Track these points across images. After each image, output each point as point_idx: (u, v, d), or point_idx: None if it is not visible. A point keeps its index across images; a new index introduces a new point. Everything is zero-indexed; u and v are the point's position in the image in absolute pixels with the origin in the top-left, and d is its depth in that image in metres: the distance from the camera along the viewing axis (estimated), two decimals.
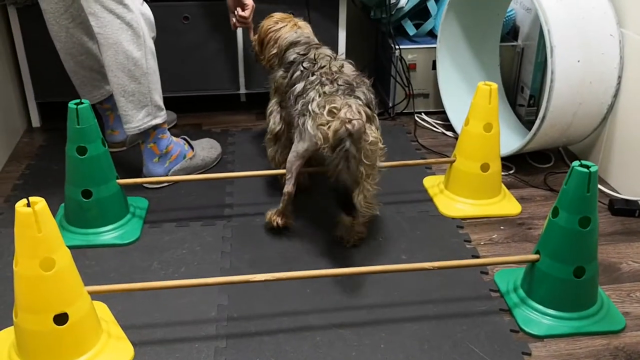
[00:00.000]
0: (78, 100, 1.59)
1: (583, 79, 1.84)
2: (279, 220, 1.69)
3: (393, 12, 2.36)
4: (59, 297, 1.20)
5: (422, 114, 2.45)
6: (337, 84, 1.54)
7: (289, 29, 1.87)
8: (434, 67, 2.38)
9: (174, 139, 1.95)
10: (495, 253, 1.65)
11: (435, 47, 2.34)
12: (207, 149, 2.04)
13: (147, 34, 1.77)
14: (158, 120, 1.85)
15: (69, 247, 1.58)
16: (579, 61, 1.82)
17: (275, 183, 1.92)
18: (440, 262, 1.41)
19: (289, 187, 1.65)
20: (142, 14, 1.75)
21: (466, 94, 2.34)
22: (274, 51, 1.85)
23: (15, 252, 1.17)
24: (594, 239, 1.36)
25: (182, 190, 1.91)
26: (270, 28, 1.89)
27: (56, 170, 1.98)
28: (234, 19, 2.09)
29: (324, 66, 1.62)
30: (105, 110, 2.08)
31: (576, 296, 1.39)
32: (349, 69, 1.64)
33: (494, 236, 1.72)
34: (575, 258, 1.36)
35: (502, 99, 2.35)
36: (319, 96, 1.53)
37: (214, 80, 2.39)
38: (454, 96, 2.35)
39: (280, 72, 1.79)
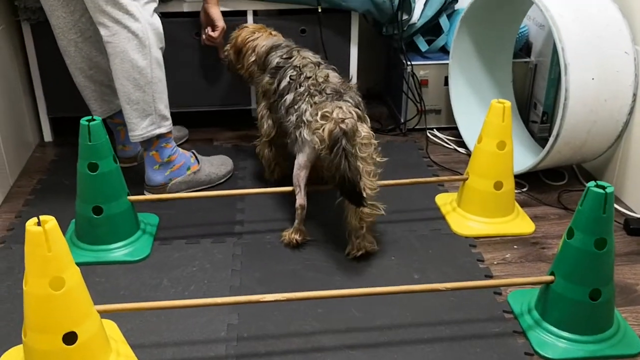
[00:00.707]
0: (90, 117, 1.59)
1: (597, 96, 1.82)
2: (297, 238, 1.72)
3: (405, 29, 2.35)
4: (68, 317, 1.19)
5: (434, 130, 2.44)
6: (326, 93, 1.62)
7: (265, 38, 1.98)
8: (446, 83, 2.37)
9: (181, 150, 1.96)
10: (509, 273, 1.63)
11: (447, 63, 2.33)
12: (216, 165, 2.04)
13: (154, 43, 1.78)
14: (162, 130, 1.85)
15: (79, 264, 1.58)
16: (593, 79, 1.80)
17: (286, 199, 1.91)
18: (453, 283, 1.39)
19: (300, 200, 1.69)
20: (150, 24, 1.76)
21: (478, 110, 2.33)
22: (253, 59, 1.94)
23: (25, 271, 1.16)
24: (610, 261, 1.34)
25: (192, 206, 1.90)
26: (247, 38, 1.98)
27: (67, 185, 1.98)
28: (204, 36, 2.16)
29: (310, 77, 1.69)
30: (117, 125, 2.08)
31: (592, 319, 1.37)
32: (334, 77, 1.71)
33: (507, 255, 1.70)
34: (591, 280, 1.34)
35: (515, 116, 2.34)
36: (311, 106, 1.62)
37: (225, 95, 2.39)
38: (466, 112, 2.33)
39: (267, 78, 1.86)
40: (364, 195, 1.53)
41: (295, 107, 1.66)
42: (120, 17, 1.71)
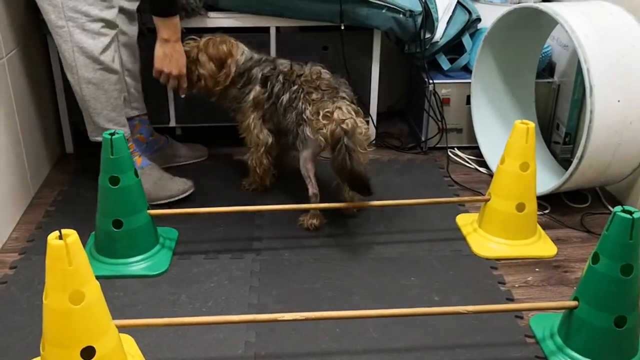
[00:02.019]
0: (112, 131, 1.60)
1: (623, 119, 1.80)
2: (315, 222, 1.85)
3: (427, 47, 2.35)
4: (87, 331, 1.19)
5: (455, 149, 2.42)
6: (321, 90, 1.76)
7: (239, 51, 1.99)
8: (468, 102, 2.35)
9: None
10: (531, 296, 1.61)
11: (469, 82, 2.32)
12: (165, 179, 2.00)
13: (82, 64, 1.80)
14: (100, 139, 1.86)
15: (98, 277, 1.58)
16: (619, 101, 1.78)
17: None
18: (475, 307, 1.37)
19: (313, 189, 1.85)
20: (78, 46, 1.78)
21: (500, 129, 2.31)
22: (234, 68, 1.96)
23: (45, 285, 1.16)
24: (636, 287, 1.31)
25: (211, 221, 1.90)
26: (230, 49, 1.96)
27: (88, 197, 1.99)
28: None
29: (302, 74, 1.81)
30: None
31: (616, 346, 1.34)
32: (325, 73, 1.84)
33: (529, 278, 1.68)
34: (616, 307, 1.31)
35: (537, 136, 2.31)
36: (309, 104, 1.74)
37: None
38: (488, 132, 2.32)
39: (258, 88, 1.92)
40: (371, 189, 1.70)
41: (294, 105, 1.79)
42: (54, 35, 1.79)
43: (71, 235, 1.14)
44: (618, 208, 1.29)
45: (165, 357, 1.38)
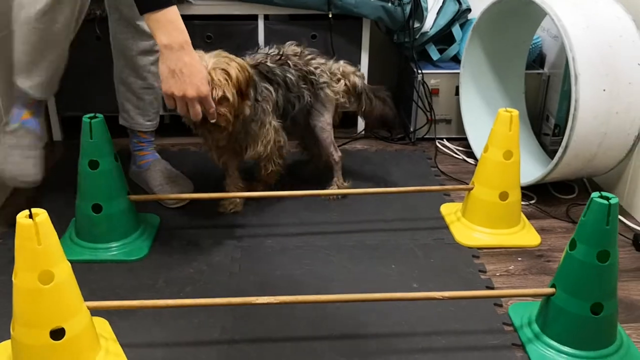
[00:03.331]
0: (92, 115, 1.59)
1: (609, 109, 1.78)
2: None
3: (417, 37, 2.34)
4: (57, 312, 1.18)
5: (444, 139, 2.41)
6: (315, 57, 1.87)
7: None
8: (457, 92, 2.34)
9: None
10: (511, 285, 1.59)
11: (458, 73, 2.31)
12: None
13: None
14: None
15: (77, 262, 1.59)
16: (604, 90, 1.76)
17: (287, 204, 1.90)
18: (450, 292, 1.36)
19: (339, 153, 1.98)
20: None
21: (489, 120, 2.30)
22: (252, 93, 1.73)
23: (15, 264, 1.16)
24: (613, 274, 1.30)
25: (194, 208, 1.89)
26: (247, 75, 1.64)
27: (71, 184, 1.97)
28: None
29: (283, 54, 1.82)
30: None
31: (593, 334, 1.33)
32: (298, 46, 1.88)
33: (510, 267, 1.66)
34: (593, 294, 1.30)
35: (527, 128, 2.30)
36: (318, 70, 1.85)
37: None
38: (477, 123, 2.30)
39: (268, 87, 1.75)
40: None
41: (301, 83, 1.82)
42: None
43: (41, 214, 1.14)
44: (595, 194, 1.28)
45: (139, 341, 1.37)
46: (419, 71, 2.32)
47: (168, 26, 1.34)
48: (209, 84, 1.49)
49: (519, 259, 1.70)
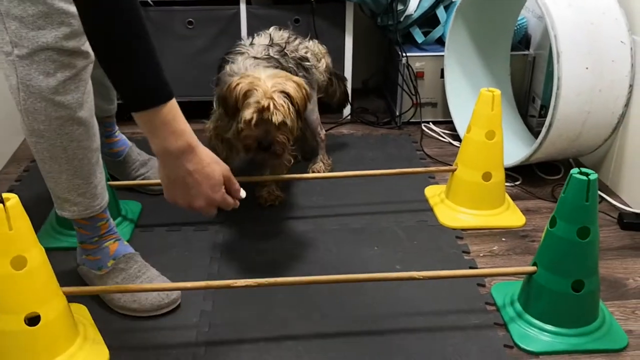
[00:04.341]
0: None
1: (592, 87, 1.77)
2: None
3: (401, 20, 2.32)
4: (31, 297, 1.16)
5: (430, 123, 2.39)
6: (296, 44, 1.82)
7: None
8: (443, 75, 2.32)
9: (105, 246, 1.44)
10: (495, 265, 1.59)
11: (443, 55, 2.29)
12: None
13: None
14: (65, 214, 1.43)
15: (58, 249, 1.58)
16: (587, 68, 1.75)
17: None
18: (430, 272, 1.35)
19: (324, 131, 2.01)
20: (23, 82, 1.24)
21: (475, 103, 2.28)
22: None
23: None
24: (594, 251, 1.29)
25: None
26: (305, 93, 1.56)
27: None
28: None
29: (280, 44, 1.73)
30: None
31: (575, 311, 1.32)
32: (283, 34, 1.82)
33: (494, 248, 1.66)
34: (573, 271, 1.29)
35: (513, 110, 2.29)
36: (308, 60, 1.81)
37: None
38: (462, 106, 2.29)
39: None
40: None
41: (299, 71, 1.75)
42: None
43: (12, 199, 1.12)
44: (575, 170, 1.27)
45: (118, 326, 1.36)
46: (404, 54, 2.30)
47: (162, 130, 1.08)
48: (271, 108, 1.43)
49: (503, 239, 1.69)
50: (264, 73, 1.51)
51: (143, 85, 1.06)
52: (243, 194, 1.24)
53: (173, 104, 1.08)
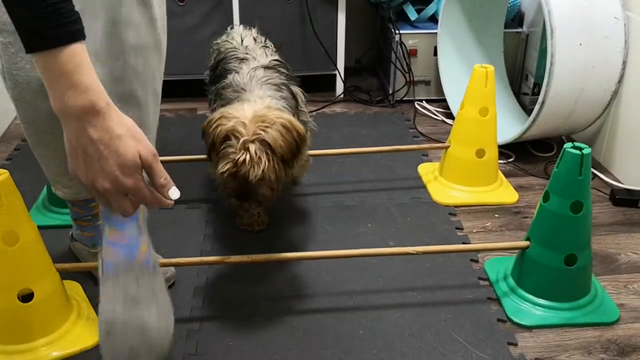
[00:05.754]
0: None
1: (585, 63, 1.77)
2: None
3: None
4: (24, 273, 1.16)
5: (423, 101, 2.39)
6: (267, 46, 1.62)
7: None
8: (436, 53, 2.31)
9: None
10: (488, 241, 1.59)
11: (436, 33, 2.28)
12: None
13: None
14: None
15: (51, 227, 1.57)
16: (580, 44, 1.74)
17: None
18: (424, 247, 1.35)
19: None
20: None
21: (468, 80, 2.27)
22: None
23: None
24: (586, 226, 1.29)
25: (170, 172, 1.86)
26: (295, 136, 1.27)
27: None
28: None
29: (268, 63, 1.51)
30: None
31: (567, 285, 1.33)
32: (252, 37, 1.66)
33: (487, 224, 1.66)
34: (566, 245, 1.29)
35: (506, 87, 2.28)
36: (284, 65, 1.55)
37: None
38: (456, 83, 2.28)
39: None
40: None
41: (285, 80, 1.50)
42: None
43: (2, 174, 1.11)
44: (568, 144, 1.27)
45: None
46: (397, 32, 2.29)
47: (61, 81, 0.84)
48: (247, 163, 1.19)
49: (496, 215, 1.70)
50: (254, 107, 1.27)
51: (36, 18, 0.80)
52: (176, 193, 0.99)
53: (77, 49, 0.83)
